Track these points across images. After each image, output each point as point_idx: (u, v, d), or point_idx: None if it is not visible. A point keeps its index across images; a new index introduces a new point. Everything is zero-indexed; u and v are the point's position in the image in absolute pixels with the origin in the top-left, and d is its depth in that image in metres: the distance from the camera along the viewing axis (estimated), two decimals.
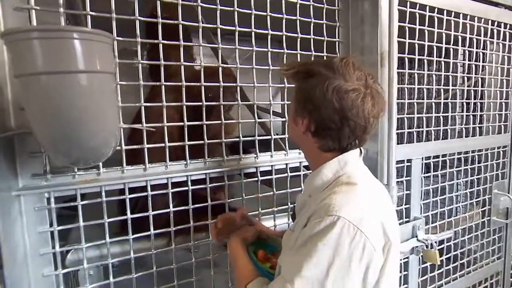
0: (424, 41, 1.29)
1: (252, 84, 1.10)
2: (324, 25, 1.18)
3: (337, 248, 0.60)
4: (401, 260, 1.32)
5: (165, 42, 0.94)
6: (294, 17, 1.12)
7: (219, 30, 1.02)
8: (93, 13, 0.84)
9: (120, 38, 0.88)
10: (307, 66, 0.73)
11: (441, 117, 1.39)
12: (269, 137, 1.14)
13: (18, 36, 0.55)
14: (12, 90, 0.80)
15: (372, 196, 0.69)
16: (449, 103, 1.41)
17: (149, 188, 0.95)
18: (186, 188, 1.00)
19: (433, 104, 1.37)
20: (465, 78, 1.51)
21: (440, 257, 1.34)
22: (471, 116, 1.53)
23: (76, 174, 0.88)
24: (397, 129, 1.23)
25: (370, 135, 0.73)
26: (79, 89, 0.61)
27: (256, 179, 1.11)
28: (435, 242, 1.26)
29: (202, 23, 1.00)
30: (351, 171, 0.71)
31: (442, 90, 1.39)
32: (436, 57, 1.34)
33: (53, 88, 0.58)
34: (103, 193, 0.90)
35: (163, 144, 0.96)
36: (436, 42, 1.33)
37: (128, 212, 0.93)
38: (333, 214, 0.61)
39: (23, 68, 0.57)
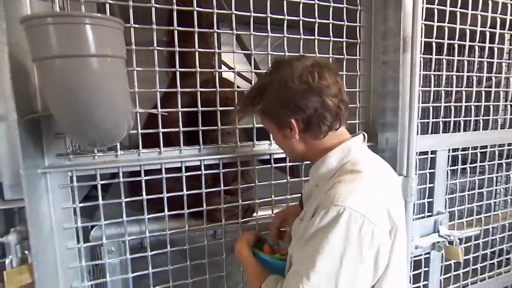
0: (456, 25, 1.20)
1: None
2: (345, 9, 1.14)
3: (347, 238, 0.61)
4: (421, 255, 1.27)
5: (180, 28, 0.96)
6: (312, 1, 1.09)
7: (233, 16, 1.02)
8: (111, 1, 0.88)
9: (136, 26, 0.91)
10: (254, 91, 0.77)
11: (472, 106, 1.29)
12: None
13: (34, 21, 0.59)
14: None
15: (377, 182, 0.69)
16: (483, 92, 1.31)
17: (163, 171, 0.98)
18: (200, 172, 1.03)
19: (463, 92, 1.27)
20: (504, 66, 1.39)
21: (466, 255, 1.27)
22: (509, 106, 1.40)
23: (96, 156, 0.94)
24: (420, 119, 1.17)
25: (348, 104, 0.74)
26: (90, 72, 0.64)
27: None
28: (459, 239, 1.19)
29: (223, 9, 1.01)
30: (356, 157, 0.71)
31: (474, 78, 1.29)
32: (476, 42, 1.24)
33: (66, 71, 0.62)
34: (121, 174, 0.95)
35: (177, 129, 0.99)
36: (470, 26, 1.23)
37: (144, 193, 0.98)
38: (339, 204, 0.62)
39: (39, 52, 0.61)
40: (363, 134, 0.76)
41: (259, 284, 0.74)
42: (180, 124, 0.99)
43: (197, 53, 0.99)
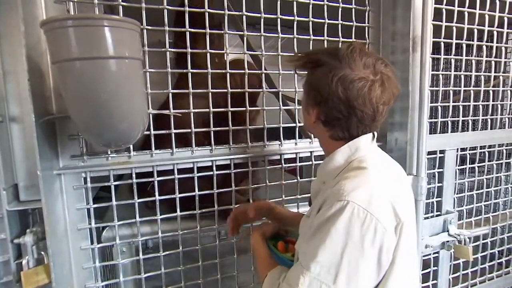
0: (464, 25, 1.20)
1: (278, 72, 1.10)
2: (353, 9, 1.15)
3: (348, 232, 0.61)
4: (430, 254, 1.27)
5: (192, 30, 0.97)
6: (321, 2, 1.10)
7: (244, 18, 1.03)
8: (124, 4, 0.89)
9: (149, 27, 0.92)
10: (315, 55, 0.73)
11: (480, 106, 1.30)
12: (293, 124, 1.14)
13: (55, 24, 0.60)
14: (53, 78, 0.87)
15: (383, 178, 0.68)
16: (490, 91, 1.32)
17: (175, 172, 0.99)
18: (211, 172, 1.03)
19: (472, 92, 1.28)
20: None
21: (474, 254, 1.27)
22: None
23: (110, 157, 0.94)
24: (429, 118, 1.17)
25: (381, 122, 0.72)
26: (109, 74, 0.65)
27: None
28: (468, 238, 1.19)
29: (229, 10, 1.02)
30: (363, 155, 0.71)
31: (482, 77, 1.30)
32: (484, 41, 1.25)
33: (86, 73, 0.63)
34: (134, 175, 0.96)
35: (189, 130, 1.00)
36: (478, 25, 1.24)
37: (157, 193, 0.99)
38: (343, 199, 0.62)
39: (59, 54, 0.62)
40: (373, 133, 0.75)
41: (266, 272, 0.76)
42: (192, 125, 1.00)
43: (208, 54, 1.00)
